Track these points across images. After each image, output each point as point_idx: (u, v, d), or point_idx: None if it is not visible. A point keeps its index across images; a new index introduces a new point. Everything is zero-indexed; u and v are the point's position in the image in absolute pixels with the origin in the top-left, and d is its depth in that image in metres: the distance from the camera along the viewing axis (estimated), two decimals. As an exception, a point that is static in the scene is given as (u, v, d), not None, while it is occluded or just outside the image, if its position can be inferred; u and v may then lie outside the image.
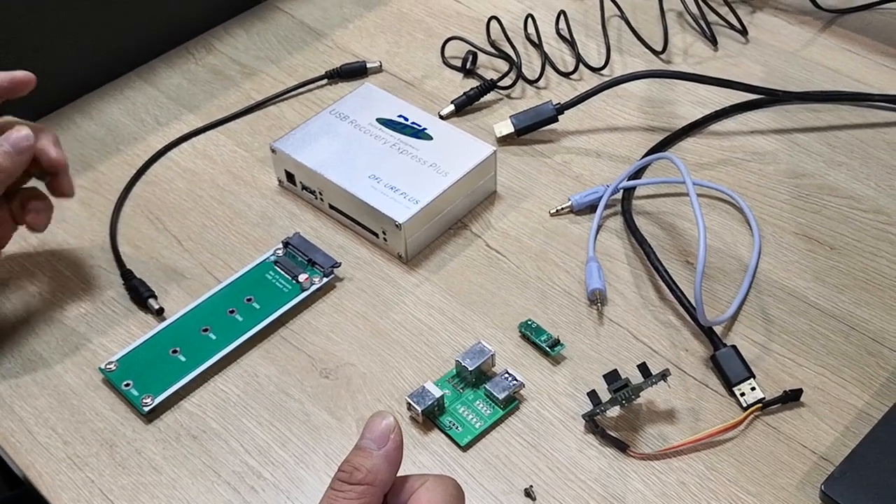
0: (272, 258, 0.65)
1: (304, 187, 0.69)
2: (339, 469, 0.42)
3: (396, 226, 0.63)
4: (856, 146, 0.72)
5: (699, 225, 0.57)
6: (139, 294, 0.63)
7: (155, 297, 0.63)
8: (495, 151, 0.67)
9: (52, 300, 0.63)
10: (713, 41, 0.81)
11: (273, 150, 0.69)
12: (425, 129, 0.69)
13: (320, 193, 0.68)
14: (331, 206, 0.68)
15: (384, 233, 0.65)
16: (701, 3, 0.82)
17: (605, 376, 0.55)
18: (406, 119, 0.70)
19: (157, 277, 0.65)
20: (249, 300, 0.62)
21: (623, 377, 0.55)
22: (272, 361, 0.60)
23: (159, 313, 0.62)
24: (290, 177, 0.69)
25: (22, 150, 0.58)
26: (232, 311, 0.62)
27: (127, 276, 0.64)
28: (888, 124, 0.73)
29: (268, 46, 0.83)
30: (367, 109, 0.71)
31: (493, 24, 0.82)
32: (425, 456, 0.55)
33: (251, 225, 0.68)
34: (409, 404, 0.56)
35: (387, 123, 0.69)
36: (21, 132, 0.58)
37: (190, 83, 0.80)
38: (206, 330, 0.61)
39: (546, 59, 0.79)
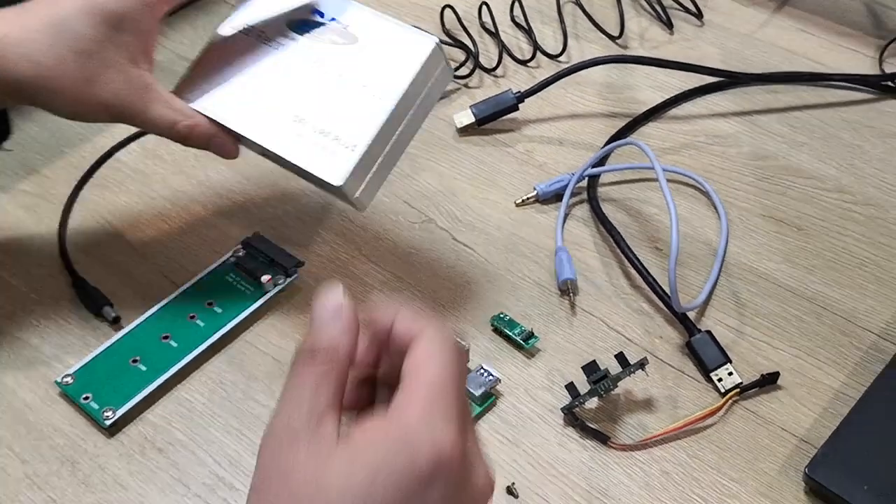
0: (232, 260, 0.62)
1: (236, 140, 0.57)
2: (295, 355, 0.38)
3: (336, 187, 0.52)
4: (816, 126, 0.72)
5: (671, 212, 0.57)
6: (94, 302, 0.60)
7: (111, 304, 0.60)
8: (438, 43, 0.53)
9: (1, 313, 0.60)
10: (669, 25, 0.80)
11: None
12: (348, 27, 0.56)
13: (247, 145, 0.56)
14: (266, 157, 0.56)
15: (328, 191, 0.54)
16: (657, -13, 0.81)
17: (583, 368, 0.54)
18: (322, 15, 0.57)
19: (111, 284, 0.62)
20: (210, 304, 0.60)
21: (602, 368, 0.54)
22: (237, 367, 0.58)
23: (116, 322, 0.60)
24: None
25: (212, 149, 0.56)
26: (192, 317, 0.59)
27: (79, 284, 0.61)
28: (846, 103, 0.73)
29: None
30: (277, 11, 0.57)
31: (448, 12, 0.80)
32: (402, 457, 0.53)
33: (207, 226, 0.66)
34: (382, 405, 0.55)
35: (301, 27, 0.57)
36: (231, 147, 0.56)
37: (135, 81, 0.77)
38: (166, 337, 0.58)
39: (503, 48, 0.77)
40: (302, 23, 0.57)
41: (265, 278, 0.60)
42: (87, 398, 0.55)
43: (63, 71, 0.52)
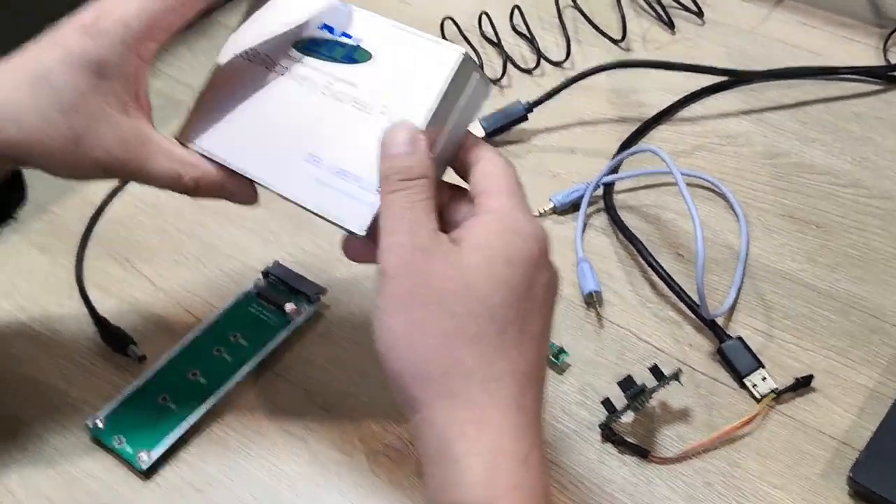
0: (253, 290, 0.62)
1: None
2: (383, 174, 0.42)
3: (359, 236, 0.46)
4: (826, 121, 0.72)
5: (694, 218, 0.57)
6: (118, 341, 0.60)
7: (135, 343, 0.59)
8: (465, 54, 0.44)
9: (24, 358, 0.59)
10: (670, 25, 0.80)
11: (179, 142, 0.51)
12: (359, 43, 0.47)
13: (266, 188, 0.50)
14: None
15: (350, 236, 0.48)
16: (655, -13, 0.81)
17: (619, 384, 0.54)
18: (332, 30, 0.48)
19: (133, 322, 0.61)
20: (235, 337, 0.59)
21: (639, 383, 0.53)
22: (268, 399, 0.57)
23: (141, 360, 0.59)
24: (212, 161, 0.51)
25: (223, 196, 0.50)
26: (219, 351, 0.59)
27: (101, 323, 0.61)
28: (854, 96, 0.73)
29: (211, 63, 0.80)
30: (281, 28, 0.50)
31: (448, 24, 0.80)
32: (442, 483, 0.53)
33: (225, 257, 0.65)
34: (419, 431, 0.54)
35: (309, 48, 0.49)
36: (248, 191, 0.50)
37: (138, 111, 0.76)
38: (194, 374, 0.58)
39: (506, 58, 0.77)
40: (310, 42, 0.49)
41: (290, 307, 0.60)
42: (120, 441, 0.54)
43: (50, 131, 0.47)
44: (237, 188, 0.50)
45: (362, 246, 0.46)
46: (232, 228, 0.67)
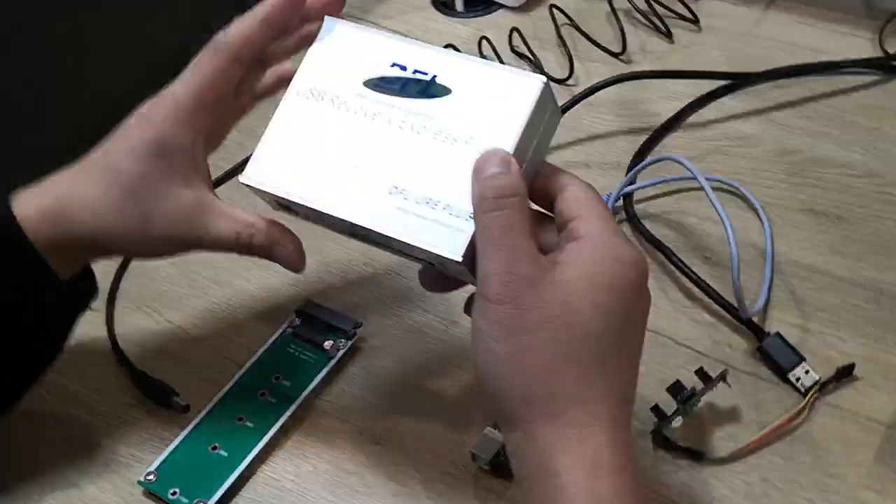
0: (289, 330, 0.62)
1: (308, 217, 0.52)
2: (479, 194, 0.43)
3: (454, 262, 0.45)
4: (833, 115, 0.73)
5: (724, 219, 0.57)
6: (159, 394, 0.60)
7: (177, 394, 0.59)
8: (546, 82, 0.46)
9: (66, 420, 0.59)
10: (668, 35, 0.81)
11: (248, 186, 0.51)
12: (435, 77, 0.48)
13: (333, 225, 0.50)
14: (354, 236, 0.51)
15: (438, 264, 0.48)
16: (650, -1, 0.82)
17: (668, 389, 0.54)
18: (404, 68, 0.48)
19: (171, 372, 0.61)
20: (278, 378, 0.59)
21: (689, 388, 0.54)
22: (318, 438, 0.57)
23: (185, 410, 0.59)
24: (285, 206, 0.51)
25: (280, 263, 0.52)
26: (263, 394, 0.59)
27: (140, 377, 0.61)
28: (856, 88, 0.75)
29: None
30: (346, 68, 0.50)
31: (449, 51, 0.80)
32: (501, 505, 0.53)
33: (255, 299, 0.65)
34: (473, 455, 0.54)
35: (381, 85, 0.48)
36: (293, 246, 0.52)
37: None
38: (240, 419, 0.58)
39: (511, 79, 0.78)
40: (380, 80, 0.49)
41: (328, 344, 0.60)
42: (174, 493, 0.54)
43: (122, 216, 0.50)
44: (287, 250, 0.52)
45: (439, 277, 0.49)
46: (259, 271, 0.67)
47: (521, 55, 0.82)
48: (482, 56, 0.81)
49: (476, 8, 0.88)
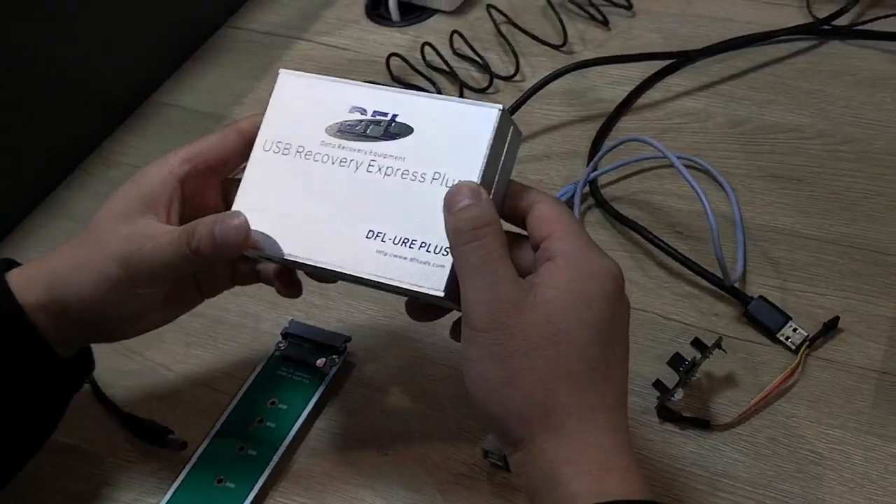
0: (277, 353, 0.61)
1: (288, 267, 0.52)
2: (454, 228, 0.44)
3: (438, 297, 0.46)
4: (775, 82, 0.75)
5: (697, 190, 0.58)
6: (153, 434, 0.58)
7: (171, 431, 0.58)
8: (502, 109, 0.47)
9: (63, 474, 0.57)
10: (605, 22, 0.83)
11: None
12: (396, 117, 0.49)
13: (317, 273, 0.51)
14: (335, 277, 0.51)
15: (423, 298, 0.48)
16: (583, -11, 0.84)
17: (668, 363, 0.55)
18: (364, 111, 0.49)
19: (160, 411, 0.60)
20: (273, 403, 0.58)
21: (689, 358, 0.55)
22: (324, 456, 0.56)
23: (183, 447, 0.57)
24: (265, 258, 0.51)
25: (228, 244, 0.48)
26: (261, 420, 0.58)
27: (130, 420, 0.59)
28: (794, 54, 0.77)
29: (170, 144, 0.75)
30: (307, 118, 0.50)
31: (394, 59, 0.81)
32: (519, 498, 0.53)
33: (236, 327, 0.64)
34: (485, 452, 0.54)
35: (343, 130, 0.49)
36: (235, 221, 0.48)
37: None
38: (242, 448, 0.56)
39: (461, 83, 0.78)
40: (342, 125, 0.49)
41: (320, 362, 0.59)
42: (186, 531, 0.53)
43: (81, 244, 0.50)
44: (236, 217, 0.49)
45: (426, 307, 0.50)
46: (235, 299, 0.65)
47: (464, 57, 0.82)
48: (426, 62, 0.82)
49: (411, 16, 0.88)
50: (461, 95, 0.77)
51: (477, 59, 0.80)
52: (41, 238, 0.73)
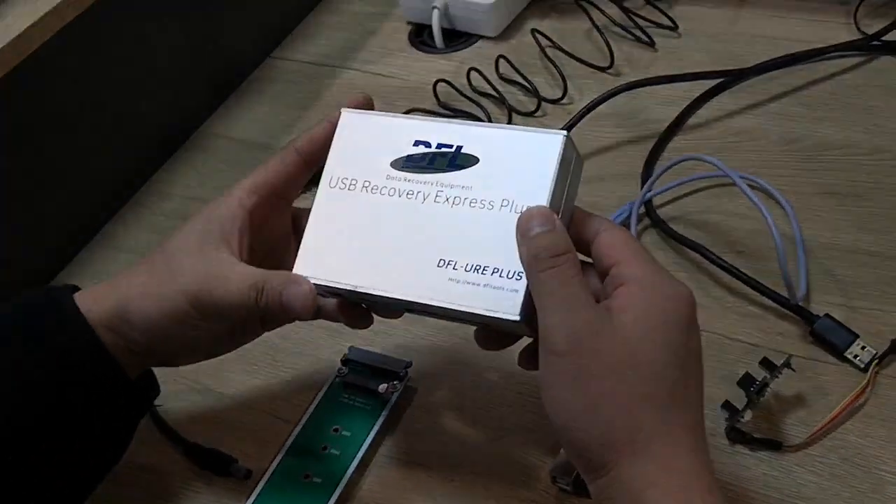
0: (338, 380, 0.61)
1: (358, 301, 0.52)
2: (532, 255, 0.44)
3: (513, 322, 0.46)
4: (827, 99, 0.74)
5: (760, 207, 0.58)
6: (218, 464, 0.58)
7: (236, 461, 0.58)
8: (567, 136, 0.47)
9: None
10: (651, 43, 0.83)
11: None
12: (461, 148, 0.49)
13: (385, 306, 0.52)
14: (410, 311, 0.52)
15: (495, 325, 0.49)
16: (628, 12, 0.83)
17: (738, 383, 0.54)
18: (428, 144, 0.50)
19: (222, 440, 0.60)
20: (337, 430, 0.58)
21: (760, 378, 0.54)
22: (389, 485, 0.56)
23: (248, 476, 0.58)
24: (335, 294, 0.52)
25: (294, 309, 0.49)
26: (324, 448, 0.57)
27: (194, 450, 0.59)
28: (844, 71, 0.76)
29: (221, 175, 0.80)
30: (371, 154, 0.51)
31: (441, 86, 0.81)
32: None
33: (295, 355, 0.64)
34: (553, 478, 0.54)
35: (408, 164, 0.50)
36: (303, 288, 0.49)
37: (159, 235, 0.75)
38: (307, 476, 0.56)
39: (509, 107, 0.78)
40: (407, 159, 0.50)
41: (382, 388, 0.59)
42: (257, 561, 0.53)
43: (153, 273, 0.51)
44: (305, 283, 0.49)
45: (496, 335, 0.50)
46: (294, 328, 0.64)
47: (510, 81, 0.82)
48: (472, 87, 0.82)
49: (455, 42, 0.88)
50: (509, 120, 0.78)
51: (524, 82, 0.81)
52: (96, 271, 0.74)
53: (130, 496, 0.58)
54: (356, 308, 0.53)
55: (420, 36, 0.90)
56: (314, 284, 0.49)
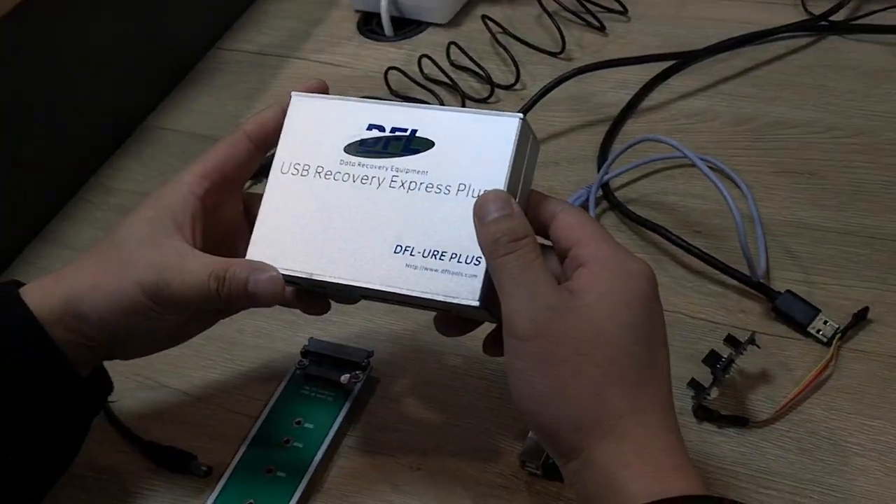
0: (299, 372, 0.59)
1: (315, 289, 0.51)
2: (490, 240, 0.43)
3: (472, 308, 0.45)
4: (778, 79, 0.75)
5: (719, 186, 0.58)
6: (176, 461, 0.56)
7: (195, 457, 0.56)
8: (522, 118, 0.46)
9: (82, 505, 0.56)
10: (602, 28, 0.82)
11: None
12: (416, 131, 0.48)
13: (341, 293, 0.51)
14: (366, 298, 0.51)
15: (455, 311, 0.48)
16: (578, -4, 0.84)
17: (704, 361, 0.54)
18: (382, 128, 0.49)
19: (181, 438, 0.58)
20: (299, 423, 0.57)
21: (725, 354, 0.54)
22: (355, 476, 0.55)
23: (208, 473, 0.56)
24: (291, 282, 0.50)
25: (260, 296, 0.47)
26: (287, 441, 0.56)
27: (151, 448, 0.57)
28: (794, 51, 0.77)
29: (168, 168, 0.77)
30: (324, 138, 0.50)
31: (392, 73, 0.80)
32: (561, 506, 0.52)
33: (252, 348, 0.63)
34: (521, 462, 0.53)
35: (362, 149, 0.49)
36: (268, 274, 0.47)
37: (105, 231, 0.73)
38: (270, 470, 0.55)
39: (462, 93, 0.77)
40: (361, 143, 0.49)
41: (344, 378, 0.58)
42: (220, 559, 0.51)
43: (105, 265, 0.49)
44: (268, 269, 0.48)
45: (455, 321, 0.49)
46: (250, 320, 0.64)
47: (462, 68, 0.81)
48: (423, 75, 0.81)
49: (404, 30, 0.87)
50: (463, 106, 0.77)
51: (476, 69, 0.80)
52: (41, 269, 0.72)
53: (88, 498, 0.56)
54: (312, 294, 0.52)
55: (368, 24, 0.89)
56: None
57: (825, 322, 0.57)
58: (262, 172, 0.52)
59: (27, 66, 0.71)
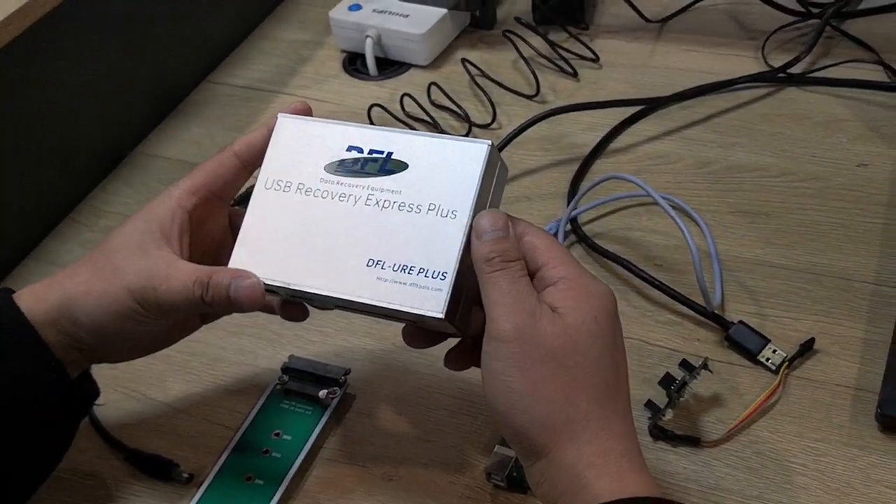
0: (279, 387, 0.63)
1: (293, 298, 0.54)
2: (485, 257, 0.47)
3: (437, 319, 0.49)
4: (738, 126, 0.80)
5: (678, 223, 0.62)
6: (158, 468, 0.59)
7: (177, 464, 0.59)
8: (491, 144, 0.50)
9: (66, 508, 0.58)
10: (574, 74, 0.87)
11: None
12: (391, 154, 0.52)
13: (317, 301, 0.54)
14: (340, 308, 0.54)
15: (422, 323, 0.51)
16: (553, 44, 0.88)
17: (660, 383, 0.58)
18: (360, 150, 0.52)
19: (164, 447, 0.61)
20: (278, 434, 0.60)
21: (679, 377, 0.58)
22: (330, 485, 0.58)
23: (190, 480, 0.59)
24: (271, 291, 0.53)
25: (241, 303, 0.51)
26: (266, 451, 0.59)
27: (135, 455, 0.60)
28: (754, 100, 0.82)
29: (157, 193, 0.79)
30: (306, 158, 0.53)
31: (375, 110, 0.84)
32: (523, 517, 0.55)
33: (235, 365, 0.66)
34: (487, 474, 0.56)
35: (341, 169, 0.52)
36: (248, 281, 0.51)
37: (95, 251, 0.76)
38: (249, 478, 0.58)
39: (441, 130, 0.82)
40: (340, 163, 0.52)
41: (322, 393, 0.61)
42: (199, 561, 0.54)
43: (95, 270, 0.52)
44: (250, 276, 0.51)
45: (423, 333, 0.53)
46: (233, 338, 0.67)
47: (441, 107, 0.86)
48: (405, 112, 0.85)
49: (388, 70, 0.91)
50: (442, 142, 0.81)
51: (455, 108, 0.84)
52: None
53: (72, 501, 0.58)
54: (290, 303, 0.55)
55: (353, 64, 0.93)
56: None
57: (774, 351, 0.61)
58: (245, 203, 0.55)
59: (27, 90, 0.75)
